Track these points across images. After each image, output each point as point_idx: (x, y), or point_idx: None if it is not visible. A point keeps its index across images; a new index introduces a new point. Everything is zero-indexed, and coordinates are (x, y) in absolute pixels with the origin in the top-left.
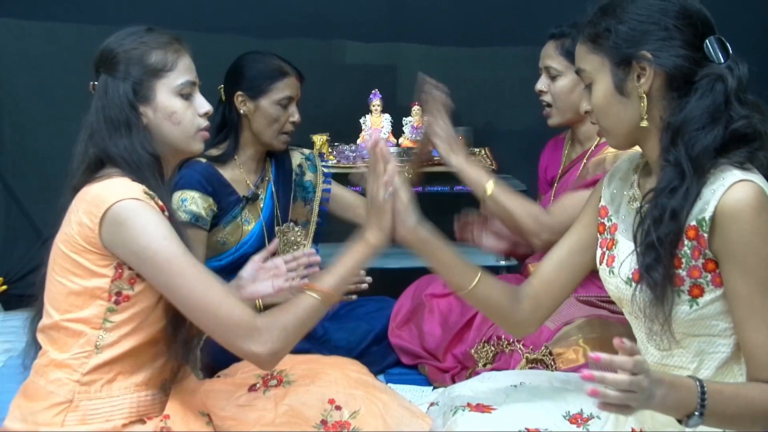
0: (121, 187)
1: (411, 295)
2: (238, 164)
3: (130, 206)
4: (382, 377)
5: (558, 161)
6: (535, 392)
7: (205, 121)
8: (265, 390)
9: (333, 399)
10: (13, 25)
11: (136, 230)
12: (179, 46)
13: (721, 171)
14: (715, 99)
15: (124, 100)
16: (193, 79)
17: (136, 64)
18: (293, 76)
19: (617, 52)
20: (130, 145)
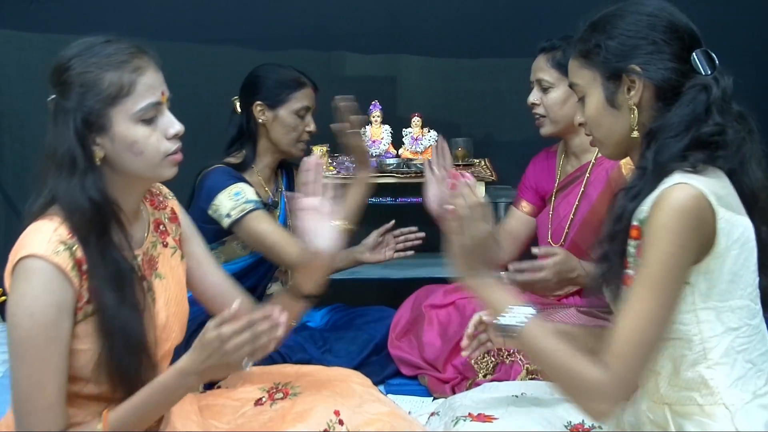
0: (36, 237)
1: (410, 306)
2: (255, 172)
3: (27, 266)
4: (383, 387)
5: (551, 175)
6: (536, 403)
7: (175, 143)
8: (272, 404)
9: (338, 410)
10: (14, 37)
11: (16, 294)
12: (139, 62)
13: (669, 176)
14: (695, 108)
15: (72, 138)
16: (156, 99)
17: (88, 92)
18: (310, 86)
19: (608, 66)
20: (70, 188)
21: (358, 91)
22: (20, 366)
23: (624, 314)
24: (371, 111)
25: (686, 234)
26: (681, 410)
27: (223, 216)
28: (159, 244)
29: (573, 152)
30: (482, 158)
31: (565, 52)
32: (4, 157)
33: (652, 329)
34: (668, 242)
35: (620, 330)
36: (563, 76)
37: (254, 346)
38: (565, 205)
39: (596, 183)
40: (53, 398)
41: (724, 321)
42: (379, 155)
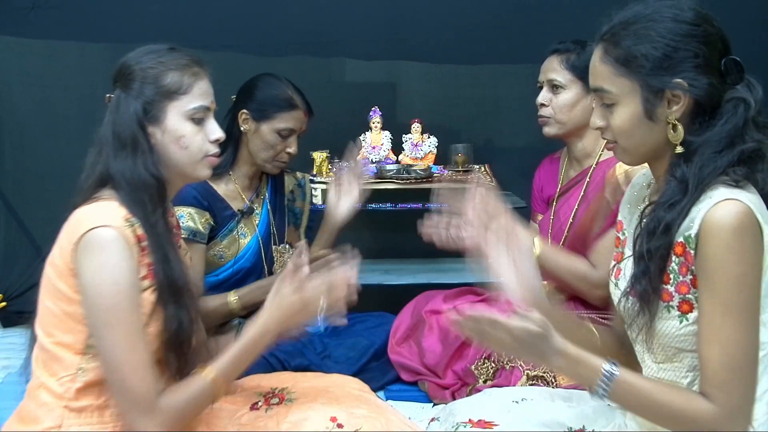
0: (102, 212)
1: (410, 312)
2: (233, 179)
3: (101, 235)
4: (382, 393)
5: (555, 180)
6: (537, 409)
7: (215, 147)
8: (267, 408)
9: (335, 417)
10: (14, 43)
11: (94, 264)
12: (198, 69)
13: (713, 189)
14: (737, 123)
15: (134, 119)
16: (207, 104)
17: (151, 84)
18: (301, 110)
19: (653, 79)
20: (133, 165)
21: (358, 97)
22: (112, 333)
23: (709, 345)
24: (371, 117)
25: (751, 250)
26: None
27: None
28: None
29: (575, 157)
30: (482, 164)
31: (580, 55)
32: (4, 163)
33: (747, 352)
34: (735, 263)
35: (713, 362)
36: (576, 79)
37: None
38: (566, 209)
39: (595, 187)
40: (147, 358)
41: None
42: (379, 161)
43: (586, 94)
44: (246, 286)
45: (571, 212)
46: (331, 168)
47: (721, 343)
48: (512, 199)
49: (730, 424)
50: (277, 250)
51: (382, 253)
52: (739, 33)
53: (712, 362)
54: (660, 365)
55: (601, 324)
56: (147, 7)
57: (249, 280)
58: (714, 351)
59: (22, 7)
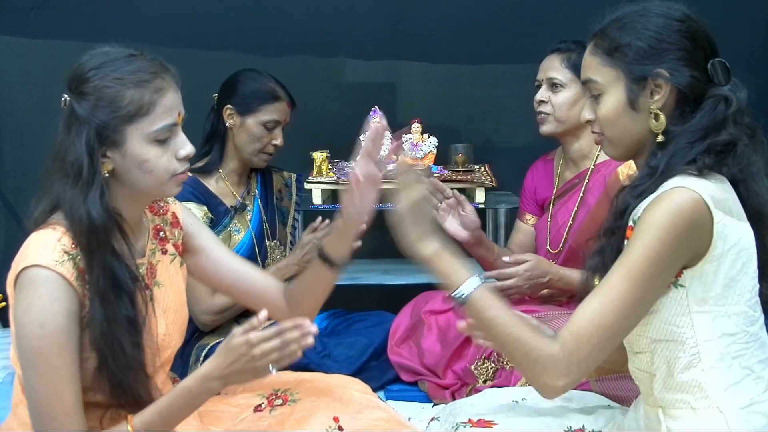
0: (42, 246)
1: (409, 312)
2: (222, 176)
3: (33, 276)
4: (382, 393)
5: (549, 182)
6: (537, 408)
7: (184, 164)
8: (271, 410)
9: (337, 417)
10: (15, 43)
11: (24, 304)
12: (161, 83)
13: (671, 178)
14: (715, 118)
15: (82, 148)
16: (173, 121)
17: (106, 106)
18: (285, 101)
19: (635, 67)
20: (74, 198)
21: (358, 98)
22: (35, 376)
23: (593, 296)
24: (371, 117)
25: (676, 235)
26: (674, 413)
27: None
28: (158, 251)
29: (571, 158)
30: (482, 164)
31: (580, 54)
32: (4, 163)
33: (617, 318)
34: (656, 239)
35: (585, 310)
36: (576, 78)
37: (282, 353)
38: (564, 212)
39: (594, 189)
40: (71, 404)
41: (719, 326)
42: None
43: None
44: None
45: (570, 216)
46: (331, 168)
47: (603, 298)
48: (512, 200)
49: (565, 372)
50: (270, 246)
51: (382, 253)
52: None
53: (584, 311)
54: (637, 356)
55: None
56: (147, 7)
57: None
58: (593, 302)
59: (22, 7)
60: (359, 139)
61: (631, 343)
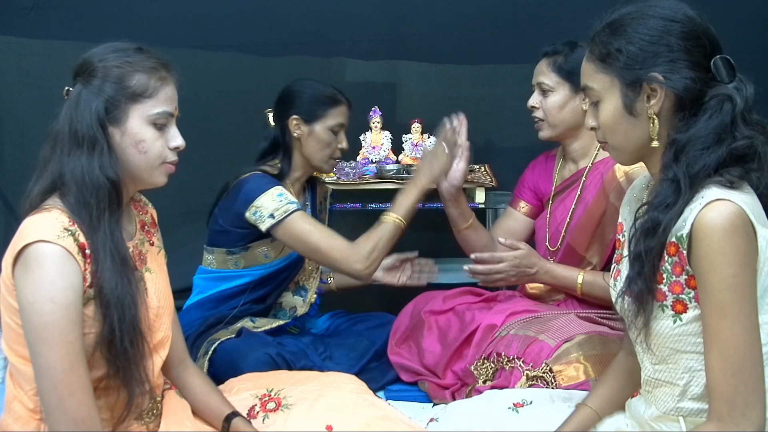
0: (42, 224)
1: (410, 313)
2: (289, 184)
3: (38, 252)
4: (382, 394)
5: (549, 178)
6: (536, 409)
7: (174, 155)
8: (265, 417)
9: (330, 425)
10: (14, 43)
11: (31, 281)
12: (165, 74)
13: (705, 188)
14: (723, 119)
15: (94, 117)
16: (171, 110)
17: (115, 83)
18: (345, 104)
19: (628, 73)
20: (88, 165)
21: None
22: (49, 351)
23: (709, 352)
24: (371, 117)
25: (743, 251)
26: (697, 421)
27: (265, 217)
28: (146, 242)
29: (570, 157)
30: (482, 164)
31: (567, 57)
32: (4, 162)
33: (746, 354)
34: (727, 264)
35: (713, 370)
36: (563, 81)
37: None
38: (562, 210)
39: (591, 187)
40: (86, 379)
41: None
42: (379, 161)
43: (575, 95)
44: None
45: (568, 213)
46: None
47: (719, 347)
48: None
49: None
50: None
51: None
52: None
53: (713, 369)
54: (656, 366)
55: (600, 324)
56: (147, 7)
57: (278, 279)
58: (714, 357)
59: (22, 7)
60: (359, 139)
61: (654, 354)
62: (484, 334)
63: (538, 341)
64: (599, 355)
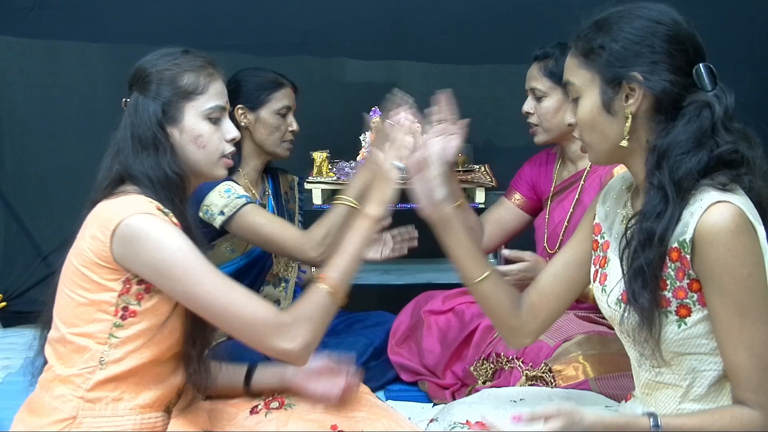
0: (135, 203)
1: (410, 312)
2: (242, 176)
3: (142, 221)
4: (382, 393)
5: (548, 177)
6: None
7: (231, 146)
8: (267, 413)
9: (335, 425)
10: (15, 43)
11: (150, 243)
12: (213, 71)
13: (701, 192)
14: (702, 125)
15: (153, 120)
16: (222, 104)
17: (168, 85)
18: (289, 86)
19: (608, 70)
20: (156, 164)
21: (358, 98)
22: (204, 287)
23: (735, 351)
24: (371, 117)
25: (752, 250)
26: None
27: (216, 215)
28: None
29: (569, 158)
30: (482, 164)
31: (558, 60)
32: (4, 163)
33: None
34: (740, 265)
35: (742, 367)
36: (556, 85)
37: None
38: (560, 211)
39: (590, 190)
40: (247, 290)
41: None
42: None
43: (568, 98)
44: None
45: (566, 215)
46: (331, 168)
47: (746, 345)
48: None
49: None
50: None
51: None
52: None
53: (744, 367)
54: (657, 370)
55: (599, 323)
56: (147, 7)
57: (252, 272)
58: (742, 356)
59: (22, 7)
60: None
61: (656, 357)
62: (483, 334)
63: (538, 341)
64: (598, 354)
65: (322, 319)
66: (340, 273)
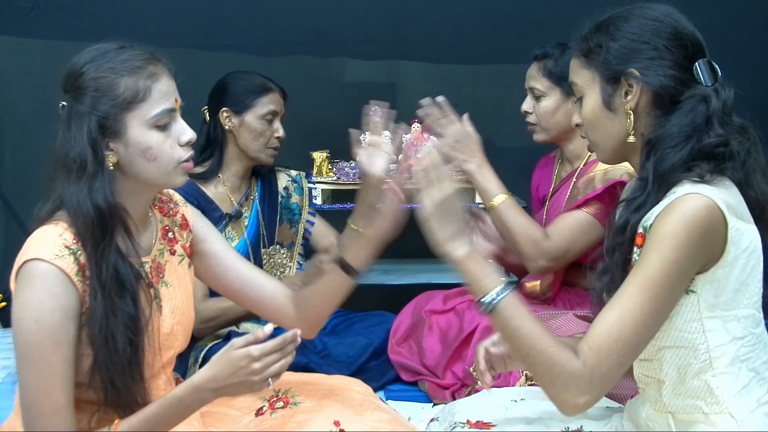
0: (43, 240)
1: (410, 312)
2: (222, 181)
3: (32, 270)
4: (382, 393)
5: (549, 179)
6: (535, 409)
7: (188, 150)
8: (272, 413)
9: (338, 421)
10: (14, 43)
11: (21, 298)
12: (154, 68)
13: (679, 186)
14: (695, 119)
15: (85, 140)
16: (170, 106)
17: (104, 96)
18: (276, 91)
19: (607, 67)
20: (78, 192)
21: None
22: (27, 370)
23: (610, 309)
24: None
25: (693, 243)
26: (685, 418)
27: None
28: (166, 251)
29: (567, 158)
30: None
31: (557, 61)
32: (4, 163)
33: (636, 331)
34: (673, 248)
35: (603, 324)
36: (554, 85)
37: (282, 366)
38: (555, 208)
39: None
40: (60, 403)
41: (729, 330)
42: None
43: (567, 98)
44: None
45: (560, 211)
46: (331, 168)
47: (620, 311)
48: None
49: (587, 389)
50: (266, 253)
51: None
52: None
53: (602, 324)
54: (643, 363)
55: None
56: (147, 7)
57: None
58: (610, 315)
59: (22, 7)
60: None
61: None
62: (482, 335)
63: None
64: None
65: None
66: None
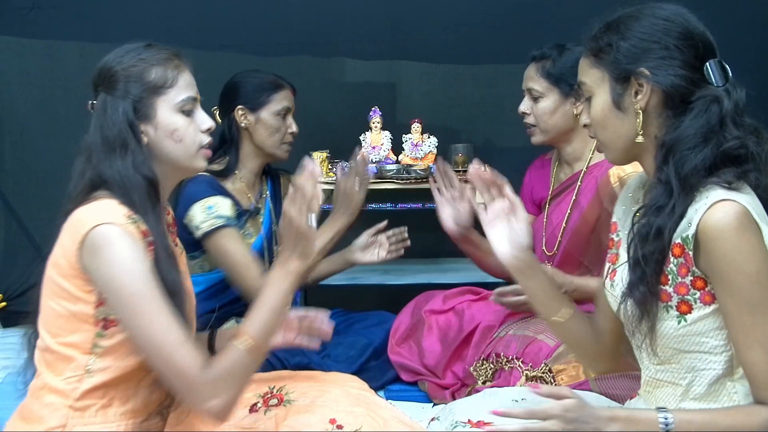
0: (103, 210)
1: (410, 312)
2: (238, 178)
3: (106, 232)
4: (382, 393)
5: (546, 182)
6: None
7: (207, 137)
8: (266, 410)
9: (334, 419)
10: (14, 43)
11: (108, 259)
12: (179, 62)
13: (707, 190)
14: (710, 120)
15: (123, 120)
16: (194, 94)
17: (136, 82)
18: (288, 88)
19: (617, 67)
20: (124, 168)
21: (358, 97)
22: (143, 319)
23: (748, 347)
24: (371, 117)
25: (758, 248)
26: None
27: (194, 228)
28: (171, 242)
29: (565, 160)
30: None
31: (555, 61)
32: (4, 163)
33: None
34: (748, 262)
35: (758, 364)
36: (552, 86)
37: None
38: (558, 214)
39: (587, 191)
40: (183, 334)
41: None
42: (379, 161)
43: (565, 99)
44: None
45: (564, 217)
46: (331, 168)
47: (760, 343)
48: None
49: None
50: (277, 251)
51: None
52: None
53: (760, 365)
54: (658, 367)
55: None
56: (147, 7)
57: None
58: (757, 353)
59: (22, 7)
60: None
61: (657, 355)
62: (482, 334)
63: (537, 341)
64: None
65: (243, 378)
66: (259, 328)
